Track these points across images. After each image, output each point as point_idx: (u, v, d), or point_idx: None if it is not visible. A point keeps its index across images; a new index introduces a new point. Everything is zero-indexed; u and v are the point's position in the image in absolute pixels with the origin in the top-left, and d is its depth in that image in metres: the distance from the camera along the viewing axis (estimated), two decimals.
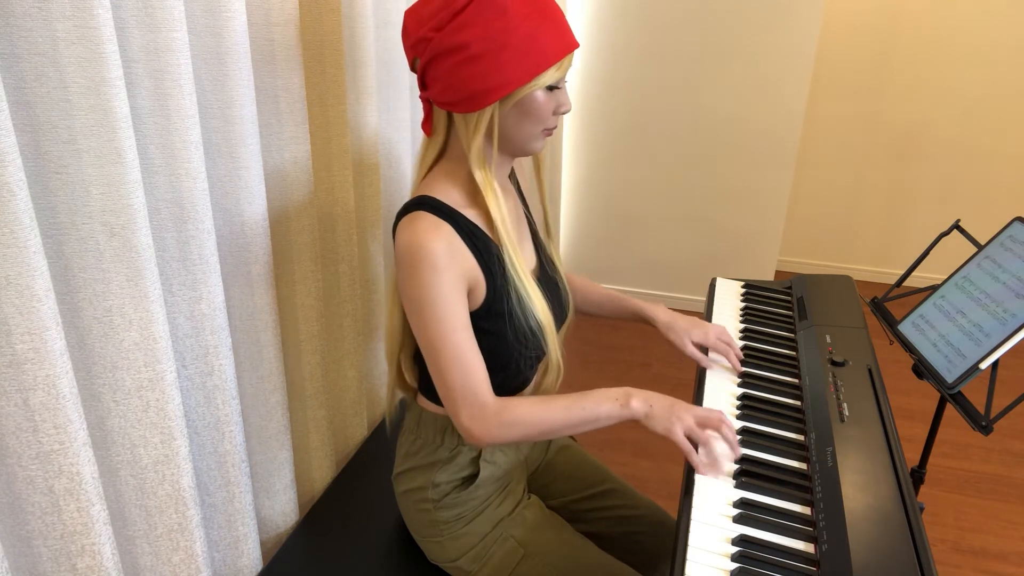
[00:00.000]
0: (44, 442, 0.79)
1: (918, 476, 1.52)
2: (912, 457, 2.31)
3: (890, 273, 3.43)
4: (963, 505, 2.12)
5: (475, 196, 1.04)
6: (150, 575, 1.01)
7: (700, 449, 1.03)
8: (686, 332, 1.25)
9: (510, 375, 1.08)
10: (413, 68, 1.00)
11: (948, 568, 1.89)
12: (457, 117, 0.98)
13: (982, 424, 1.14)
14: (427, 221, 0.96)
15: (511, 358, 1.06)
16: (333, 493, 1.34)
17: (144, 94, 0.87)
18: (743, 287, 1.58)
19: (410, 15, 0.97)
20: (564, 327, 1.20)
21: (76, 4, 0.73)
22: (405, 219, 0.98)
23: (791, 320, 1.44)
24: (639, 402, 1.02)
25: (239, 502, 1.12)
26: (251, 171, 1.04)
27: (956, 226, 1.43)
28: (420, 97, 1.02)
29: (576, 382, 2.66)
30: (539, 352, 1.09)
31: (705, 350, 1.27)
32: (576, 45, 0.97)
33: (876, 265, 3.44)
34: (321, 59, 1.19)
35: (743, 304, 1.50)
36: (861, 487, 0.97)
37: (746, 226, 2.99)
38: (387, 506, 1.31)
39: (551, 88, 0.97)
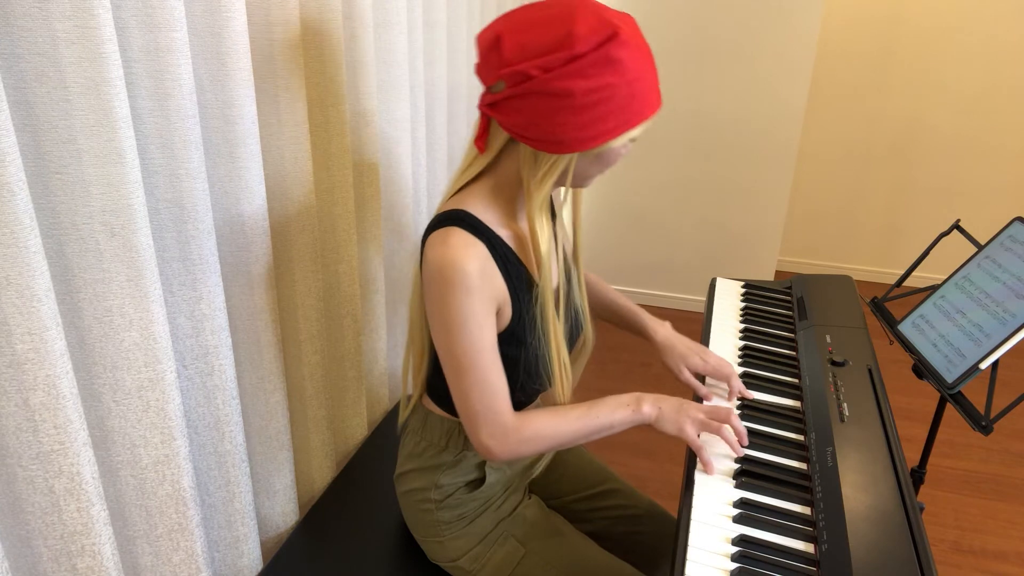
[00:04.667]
0: (44, 442, 0.79)
1: (918, 476, 1.52)
2: (912, 457, 2.31)
3: (890, 273, 3.43)
4: (963, 505, 2.12)
5: (512, 217, 1.02)
6: (150, 575, 1.01)
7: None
8: (682, 358, 1.23)
9: (513, 399, 1.07)
10: (490, 87, 0.93)
11: (948, 568, 1.89)
12: (526, 148, 0.94)
13: (982, 424, 1.14)
14: (462, 238, 0.92)
15: (517, 384, 1.05)
16: (333, 493, 1.34)
17: (144, 94, 0.86)
18: (743, 287, 1.58)
19: (510, 38, 0.89)
20: (578, 351, 1.17)
21: (76, 4, 0.73)
22: (438, 233, 0.94)
23: (791, 320, 1.44)
24: (649, 406, 1.03)
25: (239, 502, 1.12)
26: (251, 171, 1.04)
27: (956, 226, 1.43)
28: (481, 110, 0.96)
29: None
30: (544, 386, 1.08)
31: (702, 378, 1.25)
32: (661, 102, 0.94)
33: (876, 265, 3.44)
34: (321, 59, 1.19)
35: (743, 304, 1.50)
36: (861, 487, 0.97)
37: (746, 226, 3.00)
38: (387, 506, 1.31)
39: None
